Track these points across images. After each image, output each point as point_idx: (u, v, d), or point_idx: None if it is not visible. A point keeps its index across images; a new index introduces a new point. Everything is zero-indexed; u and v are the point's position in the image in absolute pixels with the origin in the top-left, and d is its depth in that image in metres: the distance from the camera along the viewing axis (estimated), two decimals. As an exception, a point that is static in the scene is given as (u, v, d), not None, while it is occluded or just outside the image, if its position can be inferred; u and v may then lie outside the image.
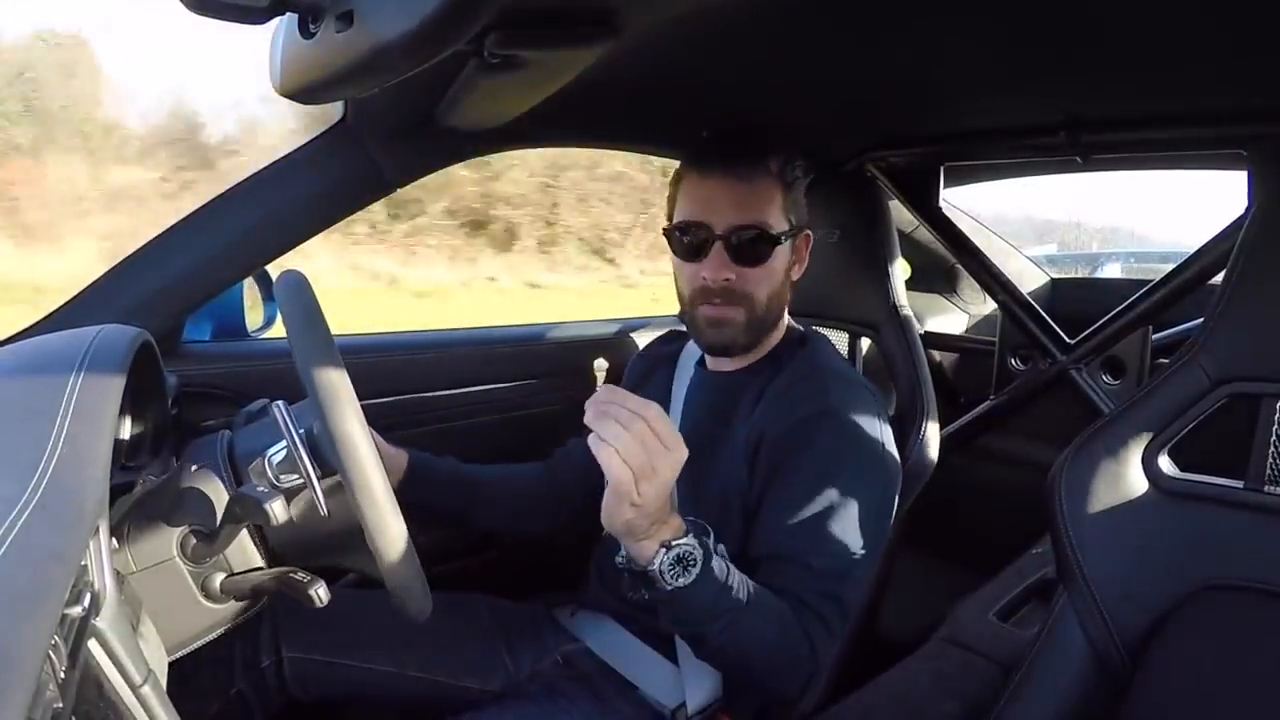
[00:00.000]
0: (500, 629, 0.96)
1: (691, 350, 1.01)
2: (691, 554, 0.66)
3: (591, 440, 0.61)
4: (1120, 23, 0.68)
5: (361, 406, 0.60)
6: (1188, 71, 0.82)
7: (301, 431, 0.62)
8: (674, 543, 0.66)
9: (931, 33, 0.74)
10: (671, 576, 0.66)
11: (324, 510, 0.63)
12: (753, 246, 0.84)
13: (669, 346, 1.05)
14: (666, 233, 0.90)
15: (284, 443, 0.62)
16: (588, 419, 0.62)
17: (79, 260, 6.22)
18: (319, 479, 0.62)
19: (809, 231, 0.92)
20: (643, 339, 1.43)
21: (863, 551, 0.79)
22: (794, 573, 0.76)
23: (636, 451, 0.60)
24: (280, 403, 0.63)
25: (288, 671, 0.87)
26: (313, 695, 0.89)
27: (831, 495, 0.78)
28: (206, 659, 0.73)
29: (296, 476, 0.63)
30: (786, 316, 0.95)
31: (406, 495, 0.61)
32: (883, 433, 0.84)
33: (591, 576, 0.99)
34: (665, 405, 0.98)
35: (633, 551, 0.67)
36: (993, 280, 1.33)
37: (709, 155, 0.87)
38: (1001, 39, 0.75)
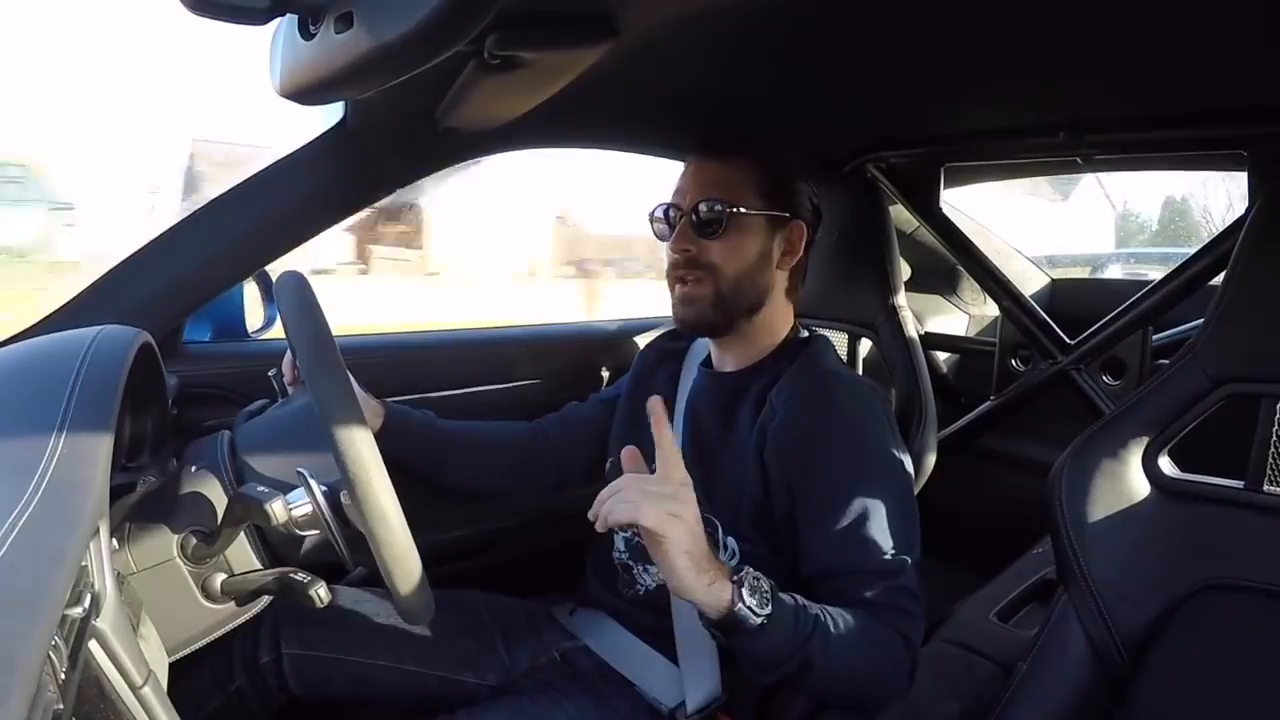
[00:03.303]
0: (498, 626, 0.96)
1: (696, 351, 1.01)
2: (759, 579, 0.67)
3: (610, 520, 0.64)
4: (1121, 23, 0.68)
5: None
6: (1188, 72, 0.82)
7: (324, 488, 0.62)
8: (735, 576, 0.66)
9: (931, 33, 0.74)
10: (758, 605, 0.65)
11: (350, 565, 0.65)
12: (714, 219, 0.87)
13: (673, 344, 1.06)
14: (650, 221, 0.94)
15: (306, 498, 0.62)
16: (601, 517, 0.64)
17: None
18: (341, 533, 0.63)
19: (801, 223, 0.91)
20: (647, 340, 1.43)
21: (909, 538, 0.80)
22: (853, 582, 0.77)
23: (639, 499, 0.63)
24: (304, 470, 0.63)
25: (287, 668, 0.87)
26: (312, 692, 0.89)
27: (861, 501, 0.79)
28: (206, 656, 0.73)
29: (317, 533, 0.63)
30: (790, 316, 0.95)
31: (380, 447, 0.62)
32: (891, 429, 0.85)
33: (588, 574, 1.00)
34: (670, 404, 0.98)
35: (712, 605, 0.65)
36: (993, 281, 1.33)
37: (692, 147, 0.92)
38: (1002, 39, 0.75)
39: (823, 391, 0.84)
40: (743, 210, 0.87)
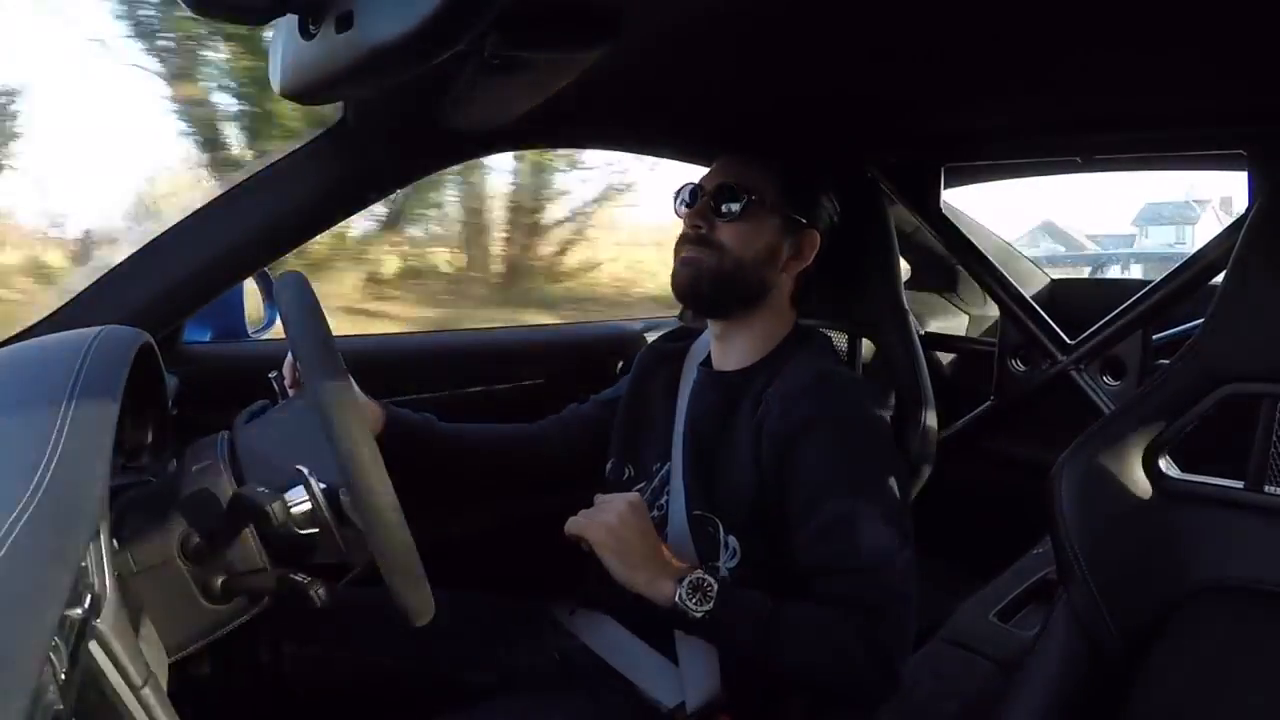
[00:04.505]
0: (498, 625, 0.97)
1: (696, 351, 1.01)
2: (704, 579, 0.75)
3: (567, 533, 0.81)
4: (1120, 22, 0.68)
5: None
6: (1188, 72, 0.82)
7: (324, 486, 0.63)
8: (685, 577, 0.75)
9: (932, 33, 0.74)
10: (695, 604, 0.74)
11: (351, 564, 0.66)
12: (731, 203, 0.90)
13: (675, 344, 1.06)
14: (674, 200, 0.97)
15: (305, 496, 0.63)
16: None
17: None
18: (340, 532, 0.63)
19: (815, 232, 0.93)
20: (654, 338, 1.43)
21: (894, 538, 0.80)
22: (832, 579, 0.78)
23: (584, 522, 0.80)
24: (305, 469, 0.64)
25: (287, 667, 0.87)
26: (312, 690, 0.89)
27: (845, 500, 0.79)
28: (206, 657, 0.73)
29: (316, 529, 0.64)
30: (791, 321, 0.96)
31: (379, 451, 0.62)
32: (884, 428, 0.86)
33: (588, 573, 1.00)
34: (669, 404, 0.98)
35: (656, 598, 0.76)
36: (993, 281, 1.32)
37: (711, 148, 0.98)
38: (1002, 39, 0.75)
39: (815, 388, 0.84)
40: (760, 201, 0.90)
